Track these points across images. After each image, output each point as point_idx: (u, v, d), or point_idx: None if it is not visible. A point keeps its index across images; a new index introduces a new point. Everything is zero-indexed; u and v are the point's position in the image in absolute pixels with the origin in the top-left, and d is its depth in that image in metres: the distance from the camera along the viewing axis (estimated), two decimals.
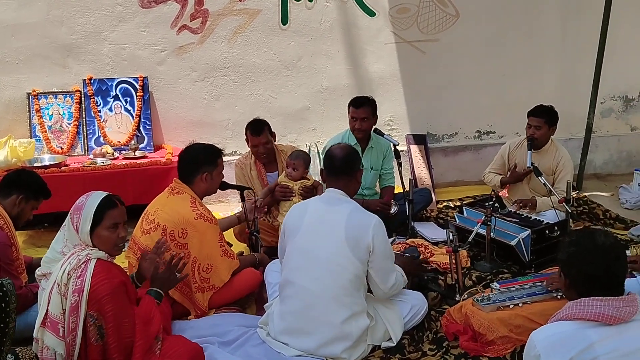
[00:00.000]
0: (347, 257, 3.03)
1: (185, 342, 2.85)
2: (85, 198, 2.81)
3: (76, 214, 2.77)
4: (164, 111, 5.64)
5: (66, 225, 2.82)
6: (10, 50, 5.27)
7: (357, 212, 3.13)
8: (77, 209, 2.78)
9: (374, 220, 3.09)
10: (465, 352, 3.12)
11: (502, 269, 4.07)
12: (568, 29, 6.15)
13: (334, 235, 3.06)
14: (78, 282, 2.61)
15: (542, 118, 4.64)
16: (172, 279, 3.08)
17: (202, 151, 3.68)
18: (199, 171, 3.59)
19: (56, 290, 2.63)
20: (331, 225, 3.09)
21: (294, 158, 4.31)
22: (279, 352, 3.12)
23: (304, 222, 3.16)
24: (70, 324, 2.60)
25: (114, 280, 2.68)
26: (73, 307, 2.60)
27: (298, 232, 3.16)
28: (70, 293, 2.61)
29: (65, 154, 5.30)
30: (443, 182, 6.18)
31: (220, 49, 5.62)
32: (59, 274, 2.65)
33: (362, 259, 3.05)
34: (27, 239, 4.93)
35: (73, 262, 2.66)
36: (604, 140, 6.54)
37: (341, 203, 3.16)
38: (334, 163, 3.27)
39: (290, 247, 3.20)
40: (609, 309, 2.02)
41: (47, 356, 2.61)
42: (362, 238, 3.04)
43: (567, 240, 2.23)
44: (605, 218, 5.13)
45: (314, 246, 3.10)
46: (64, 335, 2.61)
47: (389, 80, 6.00)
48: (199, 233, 3.47)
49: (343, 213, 3.10)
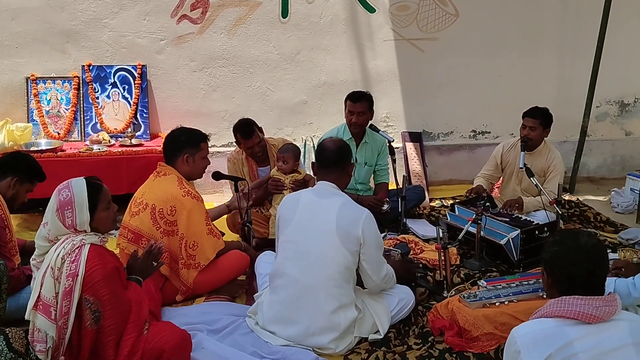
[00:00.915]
0: (338, 249, 3.08)
1: (173, 328, 2.88)
2: (67, 191, 2.77)
3: (68, 210, 2.74)
4: (162, 100, 5.66)
5: (48, 223, 2.78)
6: (10, 34, 5.28)
7: (348, 205, 3.17)
8: (65, 205, 2.74)
9: (364, 214, 3.14)
10: (450, 347, 3.16)
11: (490, 267, 4.11)
12: (566, 32, 6.18)
13: (325, 228, 3.10)
14: (72, 266, 2.65)
15: (537, 119, 4.68)
16: (150, 266, 3.13)
17: (184, 134, 3.73)
18: (180, 153, 3.63)
19: (49, 274, 2.66)
20: (322, 217, 3.13)
21: (284, 152, 4.36)
22: (266, 342, 3.17)
23: (296, 214, 3.20)
24: (62, 308, 2.64)
25: (108, 265, 2.72)
26: (66, 291, 2.63)
27: (290, 224, 3.21)
28: (64, 277, 2.64)
29: (62, 139, 5.32)
30: (437, 180, 6.22)
31: (220, 39, 5.64)
32: (52, 258, 2.68)
33: (352, 251, 3.10)
34: (22, 222, 4.96)
35: (67, 247, 2.69)
36: (599, 144, 6.58)
37: (332, 196, 3.20)
38: (325, 156, 3.31)
39: (282, 238, 3.24)
40: (589, 308, 2.06)
41: (39, 338, 2.64)
42: (353, 231, 3.08)
43: (551, 239, 2.28)
44: (596, 221, 5.17)
45: (305, 238, 3.14)
46: (56, 319, 2.64)
47: (387, 77, 6.03)
48: (187, 210, 3.53)
49: (334, 206, 3.14)
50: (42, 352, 2.62)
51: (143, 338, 2.78)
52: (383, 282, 3.26)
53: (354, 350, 3.18)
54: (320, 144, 3.44)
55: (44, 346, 2.63)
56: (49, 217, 2.79)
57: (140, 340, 2.76)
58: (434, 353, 3.13)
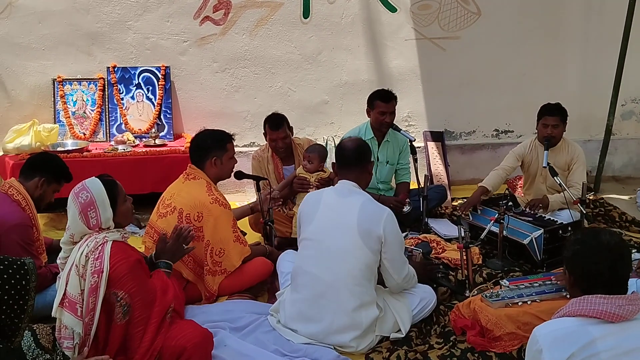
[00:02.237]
0: (359, 247, 3.09)
1: (196, 326, 2.91)
2: (86, 193, 2.80)
3: (91, 210, 2.78)
4: (185, 101, 5.72)
5: (71, 228, 2.82)
6: (37, 37, 5.38)
7: (369, 203, 3.19)
8: (88, 206, 2.78)
9: (385, 212, 3.15)
10: (472, 347, 3.14)
11: (513, 267, 4.09)
12: (590, 29, 6.11)
13: (346, 226, 3.12)
14: (97, 263, 2.70)
15: (557, 116, 4.65)
16: (180, 249, 3.20)
17: (210, 136, 3.76)
18: (208, 156, 3.67)
19: (74, 272, 2.71)
20: (343, 216, 3.15)
21: (310, 152, 4.40)
22: (288, 340, 3.19)
23: (318, 212, 3.22)
24: (89, 304, 2.69)
25: (131, 258, 2.79)
26: (92, 288, 2.68)
27: (312, 222, 3.23)
28: (89, 274, 2.69)
29: (87, 139, 5.40)
30: (459, 180, 6.19)
31: (242, 40, 5.68)
32: (77, 256, 2.73)
33: (373, 250, 3.10)
34: (48, 222, 5.05)
35: (91, 245, 2.75)
36: (624, 142, 6.49)
37: (354, 194, 3.21)
38: (344, 155, 3.33)
39: (304, 236, 3.27)
40: (612, 306, 2.04)
41: (66, 335, 2.69)
42: (374, 229, 3.09)
43: (573, 238, 2.26)
44: (621, 221, 5.10)
45: (327, 236, 3.16)
46: (82, 315, 2.69)
47: (408, 76, 6.02)
48: (214, 217, 3.56)
49: (355, 204, 3.15)
50: (70, 348, 2.67)
51: (165, 324, 2.83)
52: (404, 281, 3.27)
53: (375, 349, 3.18)
54: (340, 144, 3.46)
55: (71, 343, 2.68)
56: (71, 223, 2.82)
57: (163, 326, 2.81)
58: (455, 352, 3.11)
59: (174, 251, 3.19)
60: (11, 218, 3.34)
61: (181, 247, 3.22)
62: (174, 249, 3.19)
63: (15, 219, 3.35)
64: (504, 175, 4.87)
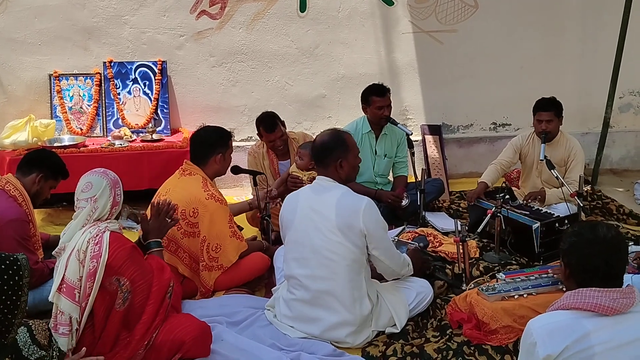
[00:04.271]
0: (342, 244, 3.06)
1: (194, 320, 2.93)
2: (112, 172, 3.00)
3: (117, 188, 2.96)
4: (182, 95, 5.71)
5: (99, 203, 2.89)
6: (32, 32, 5.37)
7: (345, 197, 3.11)
8: (116, 184, 2.96)
9: (363, 203, 3.08)
10: (468, 340, 3.15)
11: (510, 260, 4.09)
12: (588, 22, 6.09)
13: (326, 224, 3.08)
14: (96, 248, 2.74)
15: (551, 111, 4.64)
16: (164, 224, 3.23)
17: (214, 133, 3.78)
18: (214, 152, 3.68)
19: (75, 257, 2.75)
20: (321, 214, 3.10)
21: (302, 148, 4.42)
22: (284, 334, 3.20)
23: (297, 214, 3.19)
24: (86, 289, 2.72)
25: (127, 245, 2.85)
26: (91, 273, 2.72)
27: (292, 225, 3.21)
28: (88, 259, 2.73)
29: (84, 135, 5.39)
30: (457, 173, 6.19)
31: (238, 34, 5.67)
32: (79, 241, 2.77)
33: (357, 244, 3.07)
34: (46, 217, 5.05)
35: (93, 232, 2.80)
36: (622, 135, 6.48)
37: (329, 190, 3.15)
38: (314, 150, 3.30)
39: (287, 239, 3.26)
40: (606, 300, 2.04)
41: (62, 321, 2.71)
42: (354, 223, 3.05)
43: (570, 230, 2.26)
44: (619, 213, 5.10)
45: (308, 236, 3.13)
46: (79, 300, 2.72)
47: (406, 69, 6.00)
48: (210, 213, 3.56)
49: (332, 201, 3.10)
50: (65, 334, 2.68)
51: (166, 304, 2.86)
52: (398, 267, 3.25)
53: (372, 343, 3.19)
54: (312, 142, 3.41)
55: (67, 329, 2.69)
56: (100, 201, 2.88)
57: (163, 306, 2.84)
58: (452, 346, 3.12)
59: (159, 227, 3.21)
60: (8, 214, 3.34)
61: (165, 221, 3.23)
62: (159, 225, 3.21)
63: (12, 214, 3.35)
64: (501, 169, 4.88)
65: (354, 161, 3.27)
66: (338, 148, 3.19)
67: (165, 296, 2.88)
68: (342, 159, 3.18)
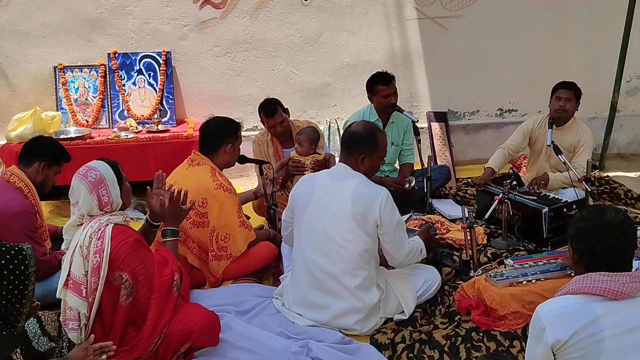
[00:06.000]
0: (355, 233, 3.06)
1: (202, 310, 2.93)
2: (95, 172, 2.83)
3: (102, 188, 2.81)
4: (187, 86, 5.70)
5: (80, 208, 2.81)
6: (37, 24, 5.36)
7: (363, 186, 3.11)
8: (98, 184, 2.81)
9: (381, 194, 3.08)
10: (477, 326, 3.16)
11: (518, 246, 4.08)
12: (594, 5, 6.03)
13: (341, 212, 3.08)
14: (98, 243, 2.72)
15: (572, 90, 4.62)
16: (179, 212, 3.19)
17: (224, 123, 3.77)
18: (223, 143, 3.68)
19: (78, 252, 2.74)
20: (337, 201, 3.10)
21: (300, 134, 4.41)
22: (293, 322, 3.20)
23: (312, 198, 3.18)
24: (92, 284, 2.71)
25: (130, 238, 2.81)
26: (95, 267, 2.71)
27: (307, 208, 3.19)
28: (91, 254, 2.72)
29: (90, 126, 5.40)
30: (463, 160, 6.17)
31: (242, 24, 5.65)
32: (81, 237, 2.76)
33: (370, 234, 3.08)
34: (54, 209, 5.06)
35: (95, 226, 2.77)
36: (629, 119, 6.44)
37: (347, 178, 3.15)
38: (343, 137, 3.29)
39: (300, 222, 3.24)
40: (615, 284, 2.03)
41: (70, 316, 2.71)
42: (369, 213, 3.05)
43: (578, 215, 2.25)
44: (627, 198, 5.07)
45: (322, 222, 3.12)
46: (86, 296, 2.72)
47: (411, 56, 5.97)
48: (218, 203, 3.56)
49: (349, 189, 3.10)
50: (75, 329, 2.69)
51: (173, 298, 2.85)
52: (407, 259, 3.24)
53: (380, 330, 3.19)
54: (348, 126, 3.38)
55: (76, 324, 2.70)
56: (82, 203, 2.80)
57: (169, 300, 2.83)
58: (460, 332, 3.12)
59: (174, 215, 3.17)
60: (14, 206, 3.34)
61: (180, 208, 3.18)
62: (174, 212, 3.16)
63: (18, 206, 3.35)
64: (508, 154, 4.86)
65: (377, 162, 3.26)
66: (367, 143, 3.17)
67: (171, 290, 2.87)
68: (367, 156, 3.16)
